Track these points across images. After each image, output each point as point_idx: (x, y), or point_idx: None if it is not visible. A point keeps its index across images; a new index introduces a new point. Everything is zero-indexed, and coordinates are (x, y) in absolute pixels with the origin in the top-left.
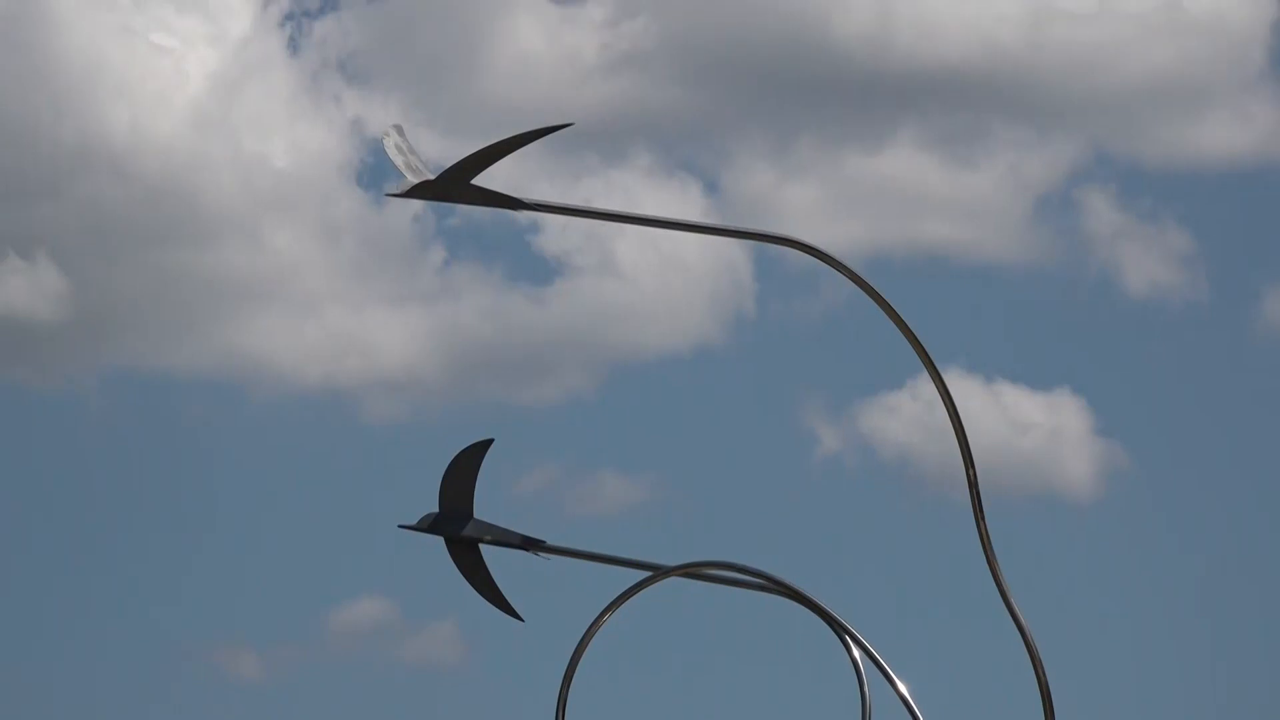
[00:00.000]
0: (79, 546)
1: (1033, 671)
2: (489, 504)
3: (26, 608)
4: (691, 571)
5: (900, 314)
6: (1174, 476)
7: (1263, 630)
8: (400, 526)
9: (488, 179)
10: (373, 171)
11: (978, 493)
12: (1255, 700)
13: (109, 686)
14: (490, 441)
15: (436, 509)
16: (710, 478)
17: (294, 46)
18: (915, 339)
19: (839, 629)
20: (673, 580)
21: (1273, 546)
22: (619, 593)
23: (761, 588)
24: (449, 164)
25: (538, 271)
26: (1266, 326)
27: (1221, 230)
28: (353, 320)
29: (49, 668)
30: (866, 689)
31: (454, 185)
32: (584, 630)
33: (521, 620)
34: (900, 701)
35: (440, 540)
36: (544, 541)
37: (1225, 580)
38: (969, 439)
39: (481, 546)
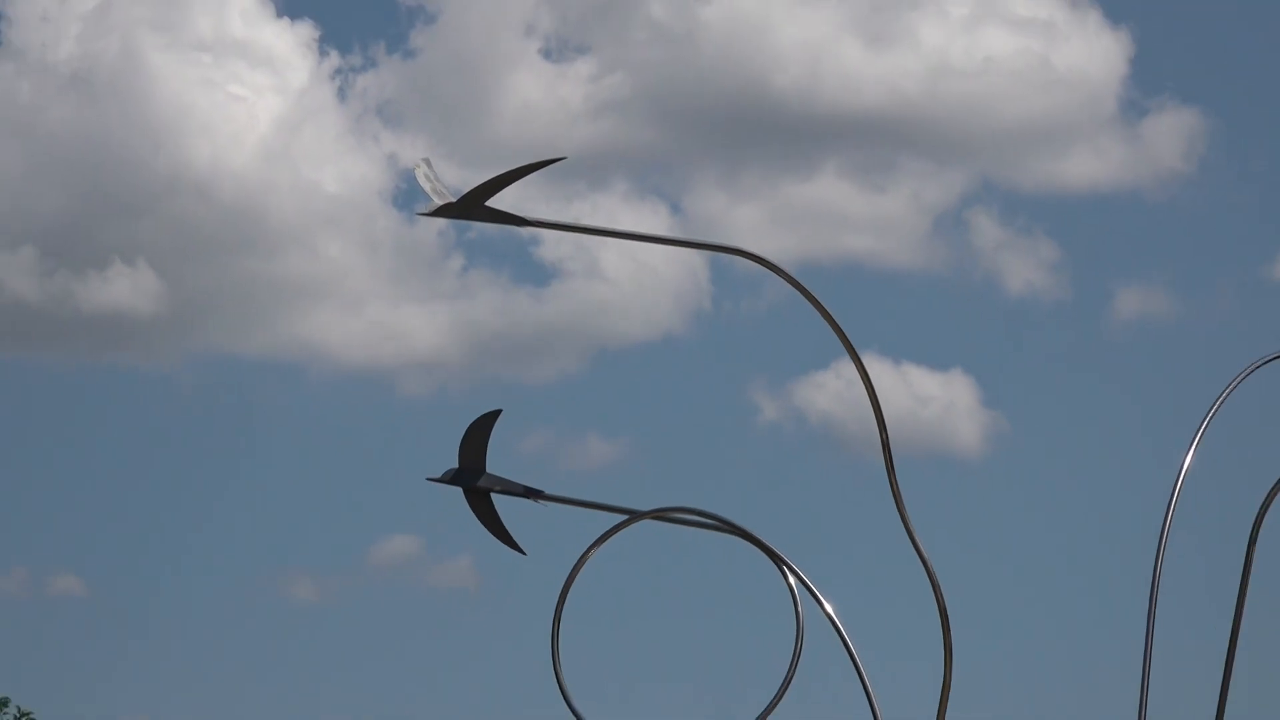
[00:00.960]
0: (173, 495)
1: (933, 594)
2: (497, 461)
3: (134, 543)
4: (660, 515)
5: (827, 309)
6: (1046, 440)
7: (1110, 558)
8: (427, 479)
9: (498, 201)
10: (405, 195)
11: (889, 452)
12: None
13: (202, 605)
14: (499, 412)
15: (456, 465)
16: (675, 440)
17: (342, 95)
18: (839, 329)
19: (778, 561)
20: (645, 522)
21: (1123, 497)
22: (602, 532)
23: (715, 528)
24: (467, 190)
25: (537, 275)
26: (1117, 320)
27: (1082, 243)
28: (389, 314)
29: (154, 590)
30: (800, 609)
31: (471, 206)
32: (574, 562)
33: (524, 554)
34: (827, 619)
35: (459, 490)
36: (542, 491)
37: (1086, 522)
38: (882, 409)
39: (492, 495)
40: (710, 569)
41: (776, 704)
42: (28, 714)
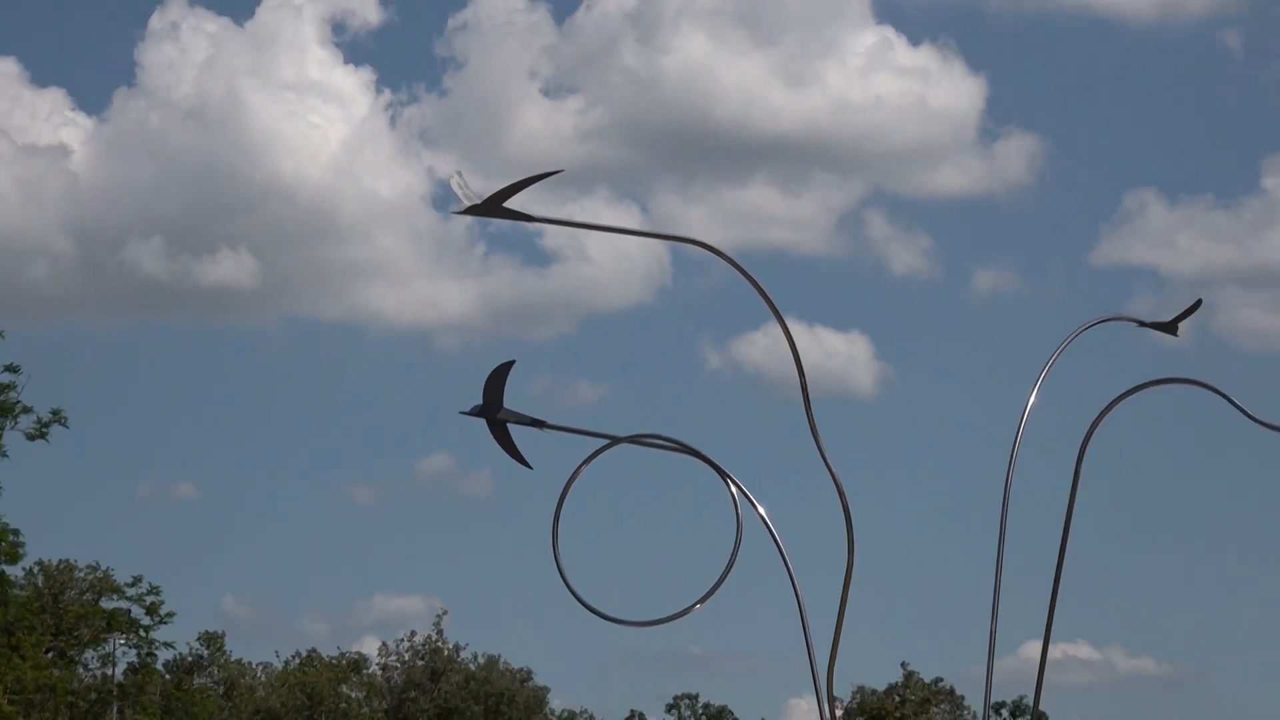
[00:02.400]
0: (266, 423)
1: (839, 498)
2: (511, 399)
3: (237, 460)
4: (634, 440)
5: (759, 284)
6: (922, 384)
7: (973, 471)
8: (459, 412)
9: (511, 203)
10: (440, 199)
11: (806, 393)
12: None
13: (287, 506)
14: (512, 362)
15: (480, 401)
16: (645, 384)
17: (393, 123)
18: (768, 299)
19: (723, 475)
20: (623, 445)
21: (981, 426)
22: (590, 452)
23: (676, 449)
24: (488, 195)
25: (541, 259)
26: (975, 294)
27: (948, 236)
28: (429, 288)
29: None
30: (739, 511)
31: (492, 207)
32: (569, 474)
33: (531, 468)
34: (760, 519)
35: (483, 421)
36: (545, 421)
37: (954, 445)
38: (801, 360)
39: (507, 424)
40: (671, 483)
41: (722, 582)
42: (156, 589)
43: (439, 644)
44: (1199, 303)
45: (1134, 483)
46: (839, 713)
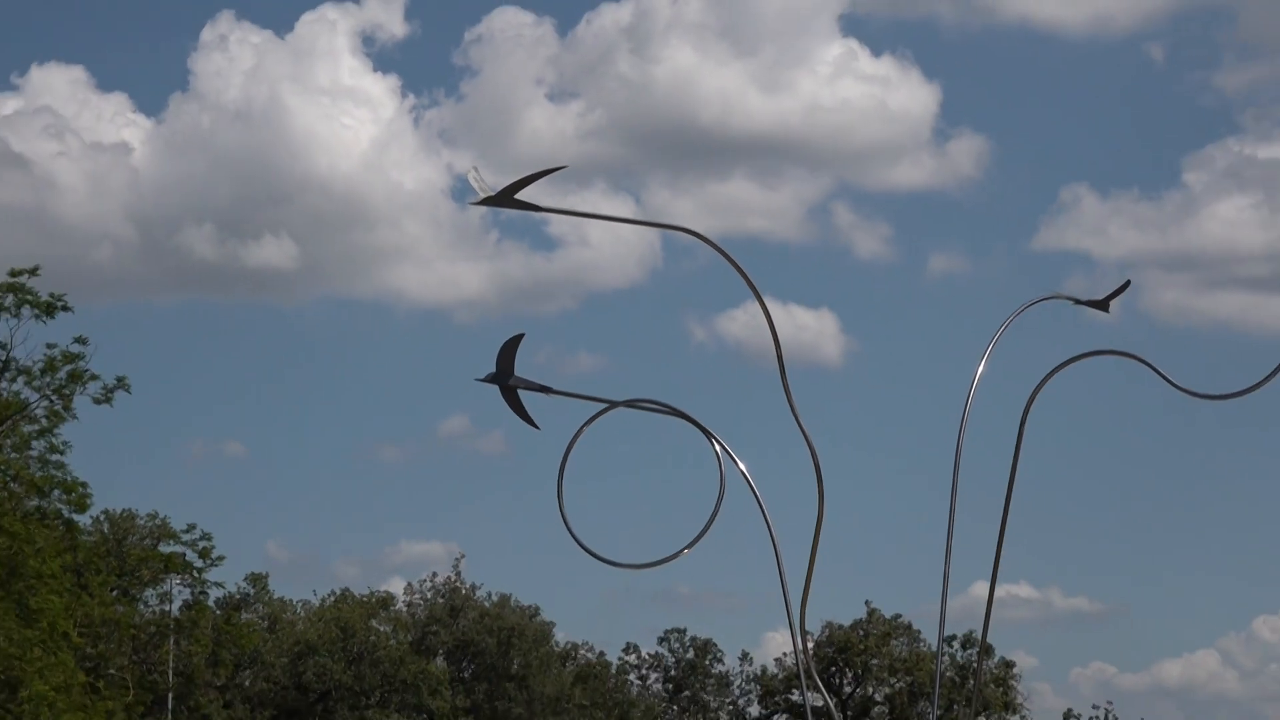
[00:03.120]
0: (304, 388)
1: (811, 457)
2: (521, 367)
3: (280, 420)
4: (630, 404)
5: (740, 266)
6: (884, 356)
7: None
8: (475, 379)
9: (521, 195)
10: (458, 191)
11: (782, 363)
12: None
13: (323, 462)
14: (521, 335)
15: (494, 369)
16: (638, 355)
17: (416, 123)
18: (748, 279)
19: (708, 435)
20: (620, 409)
21: (935, 393)
22: (590, 415)
23: (666, 412)
24: (501, 188)
25: (547, 244)
26: (930, 276)
27: (906, 224)
28: (449, 269)
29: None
30: (723, 467)
31: (505, 199)
32: (572, 434)
33: (538, 428)
34: (741, 475)
35: (496, 387)
36: (551, 388)
37: (912, 410)
38: (777, 334)
39: (517, 390)
40: (662, 440)
41: (707, 529)
42: (208, 535)
43: (457, 584)
44: (1127, 284)
45: (1070, 442)
46: (809, 645)
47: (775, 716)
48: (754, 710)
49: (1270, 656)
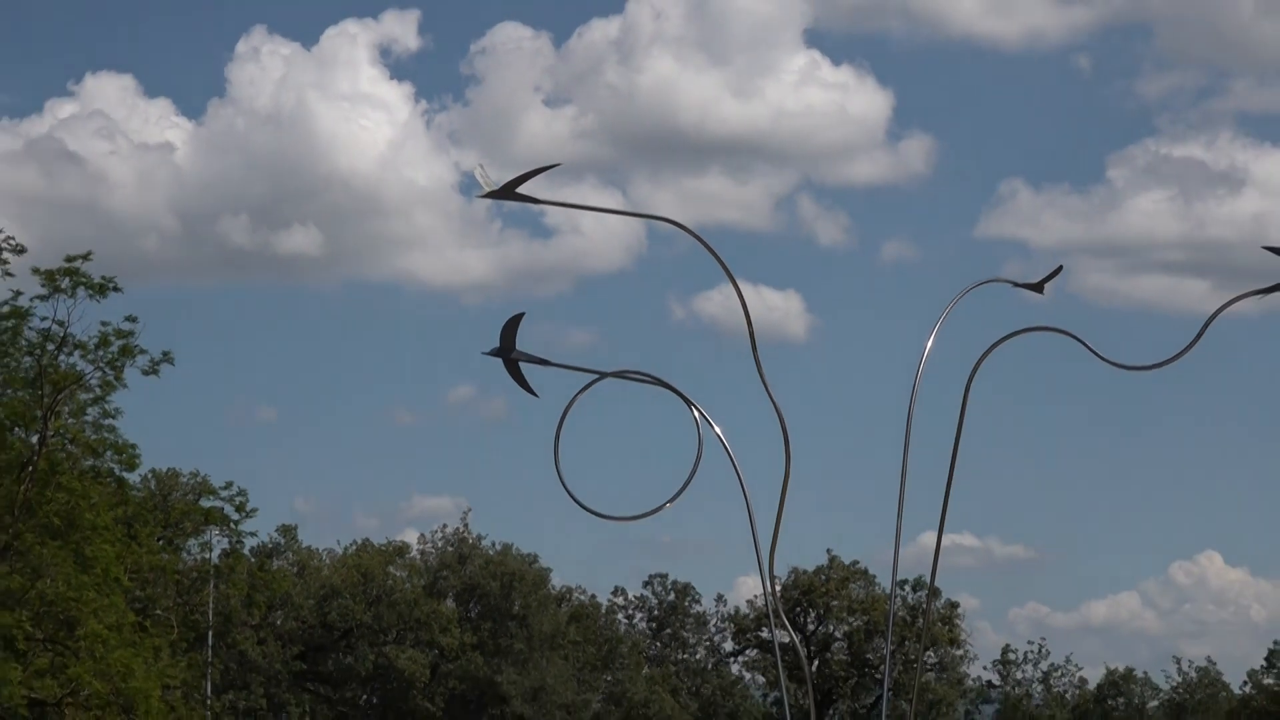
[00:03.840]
0: (325, 360)
1: (779, 423)
2: (521, 342)
3: (308, 388)
4: (618, 374)
5: (716, 252)
6: (844, 333)
7: (883, 400)
8: (481, 353)
9: (521, 189)
10: (465, 186)
11: (754, 338)
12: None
13: (346, 427)
14: (522, 314)
15: (498, 344)
16: (625, 330)
17: (428, 125)
18: (723, 264)
19: (688, 402)
20: (609, 379)
21: (889, 366)
22: (583, 385)
23: (650, 382)
24: (504, 183)
25: (544, 233)
26: (884, 261)
27: (863, 216)
28: (457, 256)
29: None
30: (700, 431)
31: (507, 192)
32: (567, 401)
33: (537, 396)
34: (717, 438)
35: (499, 360)
36: (548, 360)
37: (868, 382)
38: (749, 311)
39: (519, 362)
40: (647, 407)
41: (687, 486)
42: (243, 491)
43: (465, 534)
44: (1059, 268)
45: (1009, 408)
46: (777, 588)
47: (747, 651)
48: (728, 646)
49: (1184, 598)
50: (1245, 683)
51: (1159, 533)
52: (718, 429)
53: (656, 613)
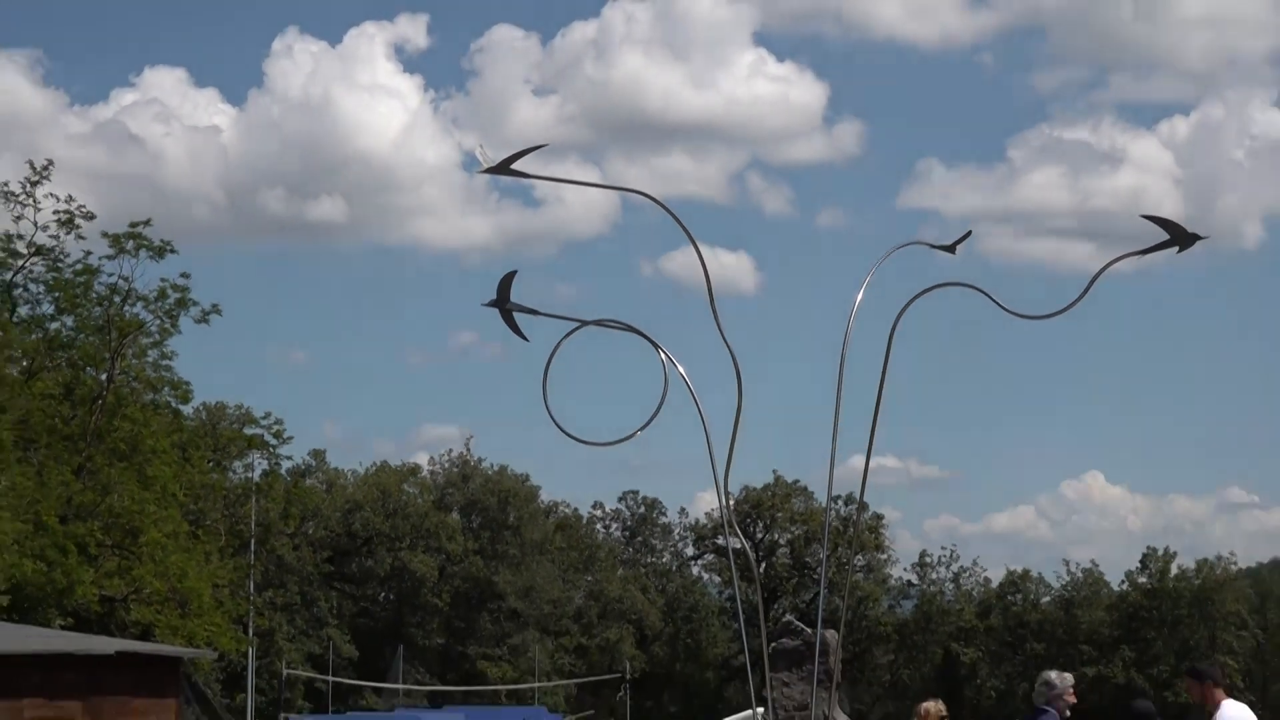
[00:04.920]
0: (364, 308)
1: (733, 364)
2: (514, 295)
3: (337, 334)
4: (597, 323)
5: (679, 219)
6: (787, 289)
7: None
8: (481, 304)
9: (515, 166)
10: (467, 163)
11: (711, 293)
12: (816, 370)
13: (363, 366)
14: (515, 271)
15: (495, 296)
16: (602, 286)
17: (435, 112)
18: (686, 229)
19: (655, 345)
20: (589, 327)
21: (824, 318)
22: (567, 331)
23: (625, 329)
24: (500, 160)
25: (534, 203)
26: (820, 227)
27: (803, 188)
28: (460, 223)
29: (348, 357)
30: (667, 371)
31: (502, 168)
32: (553, 345)
33: (528, 340)
34: (680, 377)
35: (495, 310)
36: (538, 310)
37: (809, 331)
38: (708, 271)
39: (513, 312)
40: (622, 350)
41: (655, 417)
42: (280, 420)
43: (467, 458)
44: (968, 233)
45: (925, 350)
46: (730, 503)
47: (705, 556)
48: (689, 551)
49: (1071, 510)
50: (1123, 582)
51: (1051, 456)
52: (680, 368)
53: (629, 523)
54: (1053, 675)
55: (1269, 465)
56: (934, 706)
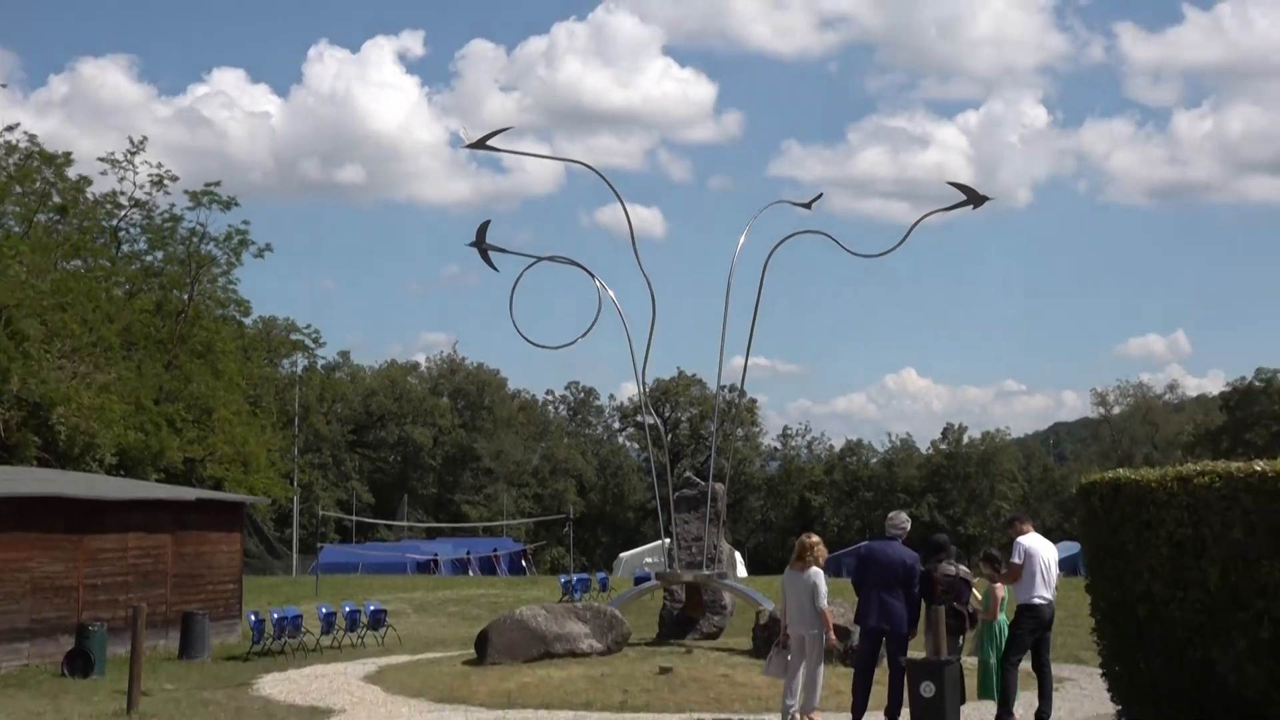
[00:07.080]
0: (377, 243)
1: (649, 291)
2: (489, 238)
3: (340, 268)
4: (550, 258)
5: (610, 182)
6: (688, 235)
7: (713, 276)
8: (465, 244)
9: (490, 143)
10: (455, 140)
11: (633, 237)
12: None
13: (375, 293)
14: (489, 221)
15: (474, 238)
16: (554, 233)
17: (430, 102)
18: (615, 190)
19: (591, 275)
20: (544, 262)
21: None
22: (527, 265)
23: (570, 264)
24: (477, 138)
25: (502, 171)
26: (711, 191)
27: (700, 162)
28: (447, 184)
29: (360, 288)
30: (600, 296)
31: (479, 145)
32: (517, 275)
33: (498, 270)
34: (610, 300)
35: (475, 250)
36: (506, 249)
37: (705, 265)
38: (629, 215)
39: (488, 250)
40: (567, 279)
41: (592, 327)
42: (317, 330)
43: (454, 357)
44: (820, 195)
45: (789, 283)
46: (646, 390)
47: (627, 429)
48: (616, 426)
49: (892, 396)
50: (929, 449)
51: (878, 357)
52: (610, 292)
53: (572, 405)
54: (902, 516)
55: (1034, 364)
56: (816, 538)
